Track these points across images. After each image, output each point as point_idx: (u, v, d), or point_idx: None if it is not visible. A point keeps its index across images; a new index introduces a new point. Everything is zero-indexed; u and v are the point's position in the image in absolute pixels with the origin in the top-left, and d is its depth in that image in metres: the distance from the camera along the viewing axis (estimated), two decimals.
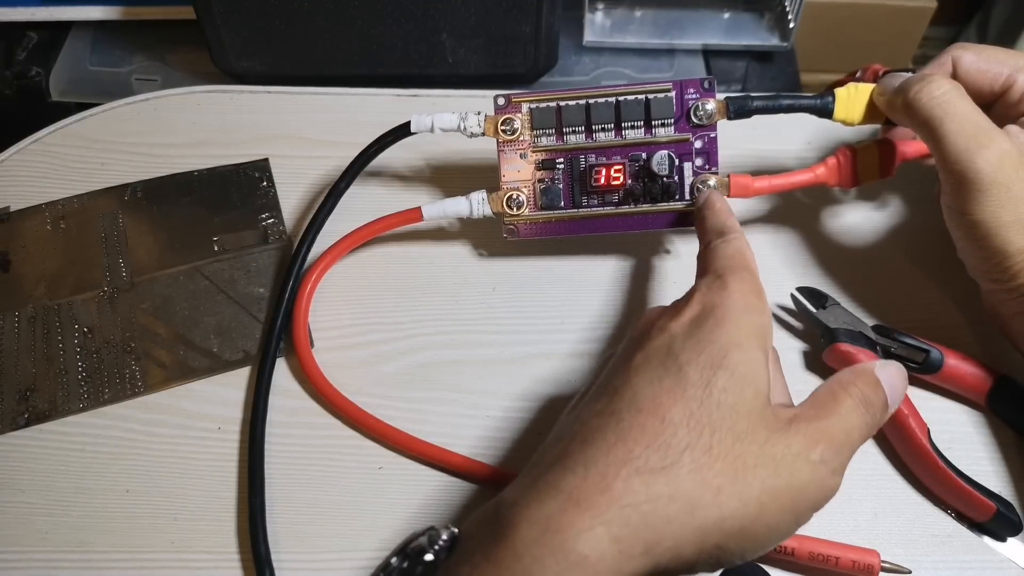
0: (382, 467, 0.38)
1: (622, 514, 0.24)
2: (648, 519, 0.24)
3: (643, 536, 0.24)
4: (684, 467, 0.25)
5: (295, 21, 0.55)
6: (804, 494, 0.26)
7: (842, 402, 0.28)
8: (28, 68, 0.65)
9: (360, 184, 0.45)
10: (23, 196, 0.46)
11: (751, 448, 0.26)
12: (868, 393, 0.29)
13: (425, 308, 0.43)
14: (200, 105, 0.50)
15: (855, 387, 0.28)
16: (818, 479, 0.26)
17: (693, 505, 0.25)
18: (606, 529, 0.24)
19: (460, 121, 0.40)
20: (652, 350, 0.28)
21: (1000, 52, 0.37)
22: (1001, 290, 0.36)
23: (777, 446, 0.26)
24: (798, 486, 0.26)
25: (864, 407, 0.28)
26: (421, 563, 0.26)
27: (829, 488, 0.27)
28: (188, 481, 0.38)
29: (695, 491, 0.25)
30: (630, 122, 0.40)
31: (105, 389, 0.40)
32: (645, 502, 0.25)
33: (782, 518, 0.26)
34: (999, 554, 0.36)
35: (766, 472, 0.26)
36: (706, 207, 0.37)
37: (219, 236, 0.45)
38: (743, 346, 0.27)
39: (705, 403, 0.26)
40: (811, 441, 0.26)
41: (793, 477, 0.26)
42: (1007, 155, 0.33)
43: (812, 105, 0.39)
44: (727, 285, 0.29)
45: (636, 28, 0.67)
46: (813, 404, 0.28)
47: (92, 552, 0.36)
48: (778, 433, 0.26)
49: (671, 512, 0.25)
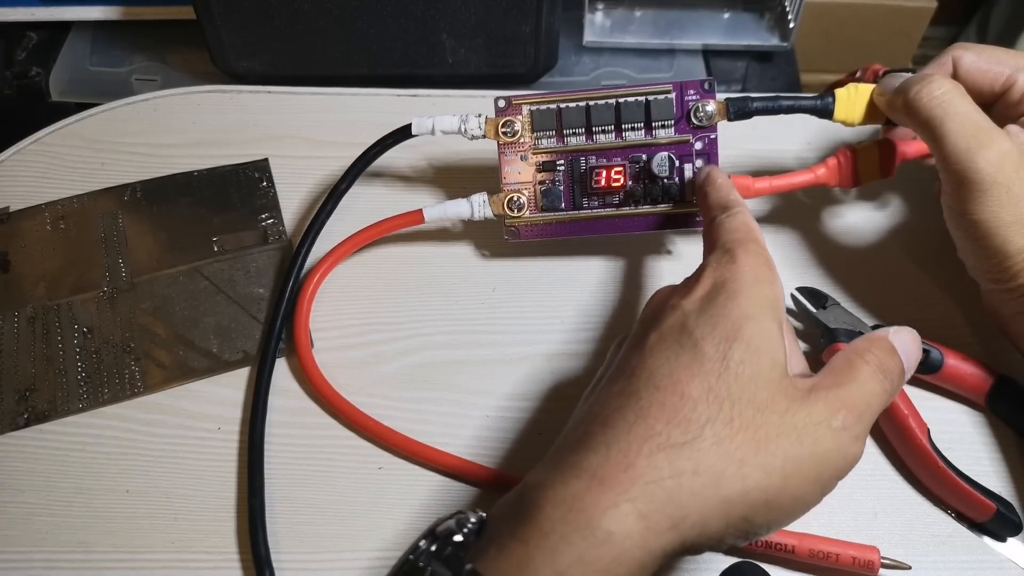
0: (382, 467, 0.38)
1: (647, 490, 0.25)
2: (673, 494, 0.25)
3: (669, 511, 0.25)
4: (706, 441, 0.25)
5: (295, 21, 0.55)
6: (828, 462, 0.26)
7: (860, 369, 0.28)
8: (28, 68, 0.65)
9: (361, 184, 0.45)
10: (23, 196, 0.46)
11: (772, 418, 0.26)
12: (885, 360, 0.29)
13: (425, 308, 0.43)
14: (200, 105, 0.50)
15: (871, 354, 0.29)
16: (841, 446, 0.26)
17: (717, 478, 0.25)
18: (632, 506, 0.24)
19: (461, 123, 0.41)
20: (666, 328, 0.28)
21: (1000, 52, 0.38)
22: (1001, 290, 0.36)
23: (798, 415, 0.26)
24: (821, 454, 0.26)
25: (882, 373, 0.28)
26: (451, 544, 0.26)
27: (852, 455, 0.27)
28: (188, 481, 0.38)
29: (718, 464, 0.25)
30: (630, 124, 0.40)
31: (104, 389, 0.40)
32: (669, 477, 0.25)
33: (807, 487, 0.26)
34: (999, 554, 0.36)
35: (788, 442, 0.26)
36: (707, 183, 0.37)
37: (219, 236, 0.45)
38: (757, 318, 0.27)
39: (723, 376, 0.26)
40: (832, 409, 0.27)
41: (816, 445, 0.26)
42: (1008, 155, 0.33)
43: (812, 106, 0.39)
44: (736, 259, 0.29)
45: (636, 28, 0.67)
46: (831, 373, 0.28)
47: (92, 552, 0.36)
48: (798, 402, 0.27)
49: (695, 486, 0.25)
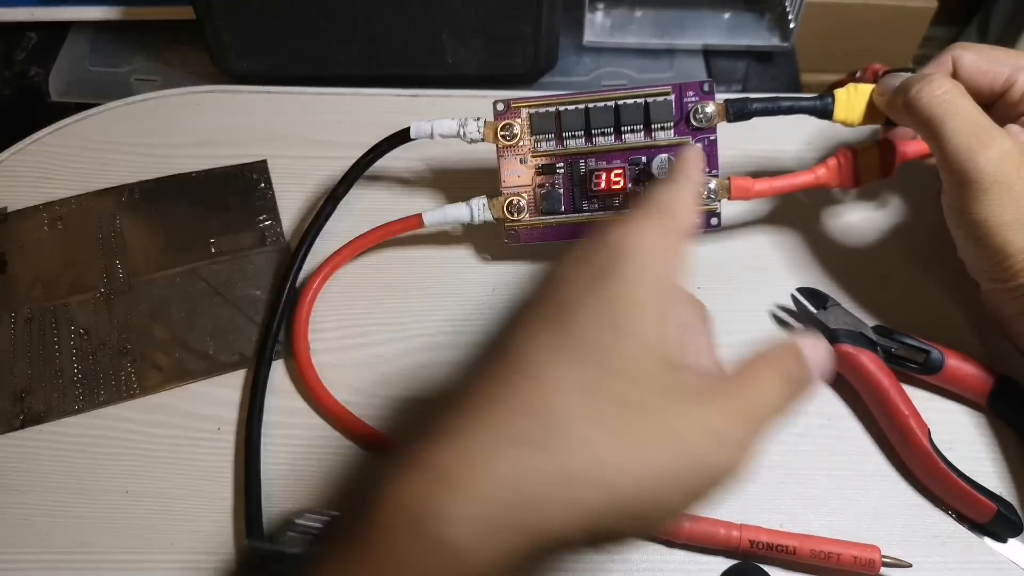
0: None
1: (496, 494, 0.21)
2: (528, 500, 0.21)
3: (520, 519, 0.21)
4: (570, 441, 0.22)
5: (295, 21, 0.55)
6: (706, 473, 0.23)
7: (762, 378, 0.25)
8: (28, 68, 0.65)
9: (360, 186, 0.45)
10: (22, 196, 0.46)
11: (648, 420, 0.23)
12: (792, 366, 0.26)
13: (425, 309, 0.43)
14: (200, 105, 0.50)
15: (780, 360, 0.26)
16: (725, 461, 0.23)
17: (580, 485, 0.22)
18: (478, 511, 0.21)
19: (460, 127, 0.40)
20: (545, 306, 0.25)
21: (1000, 52, 0.37)
22: (1001, 290, 0.36)
23: (680, 419, 0.23)
24: (700, 465, 0.23)
25: (786, 382, 0.25)
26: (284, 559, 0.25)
27: (735, 469, 0.23)
28: (188, 481, 0.38)
29: (582, 469, 0.22)
30: (630, 126, 0.40)
31: (101, 391, 0.40)
32: (524, 480, 0.22)
33: (679, 499, 0.23)
34: (999, 555, 0.36)
35: (665, 448, 0.22)
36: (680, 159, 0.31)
37: (216, 238, 0.45)
38: (642, 304, 0.24)
39: (598, 368, 0.23)
40: (723, 416, 0.24)
41: (695, 456, 0.23)
42: (1008, 154, 0.33)
43: (812, 106, 0.39)
44: (637, 230, 0.25)
45: (636, 28, 0.66)
46: (732, 378, 0.25)
47: (92, 552, 0.36)
48: (686, 404, 0.23)
49: (554, 493, 0.22)
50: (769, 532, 0.35)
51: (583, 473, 0.22)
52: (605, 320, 0.23)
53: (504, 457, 0.22)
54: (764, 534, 0.35)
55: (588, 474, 0.22)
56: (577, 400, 0.22)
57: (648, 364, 0.23)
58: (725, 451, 0.23)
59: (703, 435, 0.23)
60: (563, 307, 0.24)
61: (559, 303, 0.24)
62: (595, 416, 0.22)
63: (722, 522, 0.35)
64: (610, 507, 0.22)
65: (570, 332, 0.23)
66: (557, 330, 0.24)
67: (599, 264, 0.25)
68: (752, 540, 0.35)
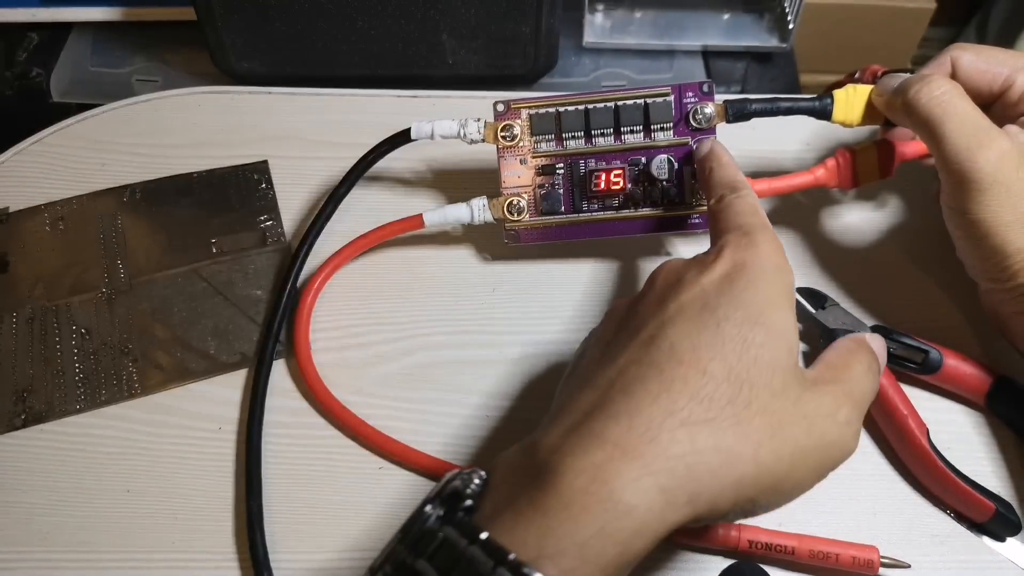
0: (382, 467, 0.38)
1: (668, 465, 0.25)
2: (693, 471, 0.25)
3: (688, 487, 0.25)
4: (726, 421, 0.25)
5: (295, 22, 0.55)
6: (828, 453, 0.27)
7: (854, 367, 0.29)
8: (29, 69, 0.65)
9: (361, 186, 0.45)
10: (23, 197, 0.46)
11: (786, 405, 0.26)
12: (871, 360, 0.30)
13: (425, 309, 0.43)
14: (200, 106, 0.50)
15: (861, 354, 0.30)
16: (843, 439, 0.27)
17: (734, 459, 0.25)
18: (654, 480, 0.24)
19: (460, 128, 0.41)
20: (686, 303, 0.28)
21: (999, 52, 0.38)
22: (1000, 290, 0.36)
23: (808, 405, 0.27)
24: (825, 445, 0.27)
25: (870, 373, 0.29)
26: (460, 508, 0.26)
27: (850, 449, 0.28)
28: (189, 481, 0.38)
29: (737, 445, 0.25)
30: (629, 127, 0.40)
31: (102, 391, 0.40)
32: (690, 454, 0.25)
33: (808, 475, 0.27)
34: (998, 554, 0.36)
35: (799, 430, 0.26)
36: (712, 160, 0.36)
37: (217, 238, 0.45)
38: (778, 305, 0.28)
39: (743, 358, 0.26)
40: (838, 403, 0.27)
41: (823, 437, 0.27)
42: (1007, 155, 0.33)
43: (811, 107, 0.39)
44: (756, 243, 0.29)
45: (636, 29, 0.67)
46: (829, 368, 0.29)
47: (92, 552, 0.36)
48: (808, 392, 0.27)
49: (714, 465, 0.25)
50: (768, 532, 0.35)
51: (736, 448, 0.25)
52: (749, 317, 0.27)
53: (672, 433, 0.25)
54: (763, 534, 0.35)
55: (740, 450, 0.25)
56: (727, 386, 0.26)
57: (783, 355, 0.27)
58: (843, 431, 0.27)
59: (826, 418, 0.27)
60: (707, 307, 0.28)
61: (703, 304, 0.28)
62: (744, 400, 0.26)
63: None
64: (755, 480, 0.25)
65: (721, 329, 0.27)
66: (707, 326, 0.27)
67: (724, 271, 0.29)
68: (751, 540, 0.35)
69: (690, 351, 0.27)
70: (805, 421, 0.26)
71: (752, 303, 0.27)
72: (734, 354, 0.26)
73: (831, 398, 0.27)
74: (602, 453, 0.25)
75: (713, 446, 0.25)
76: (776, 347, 0.27)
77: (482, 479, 0.27)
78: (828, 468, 0.27)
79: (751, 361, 0.26)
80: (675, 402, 0.26)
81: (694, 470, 0.25)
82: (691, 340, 0.27)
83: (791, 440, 0.26)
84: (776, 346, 0.27)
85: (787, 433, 0.26)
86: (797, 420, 0.26)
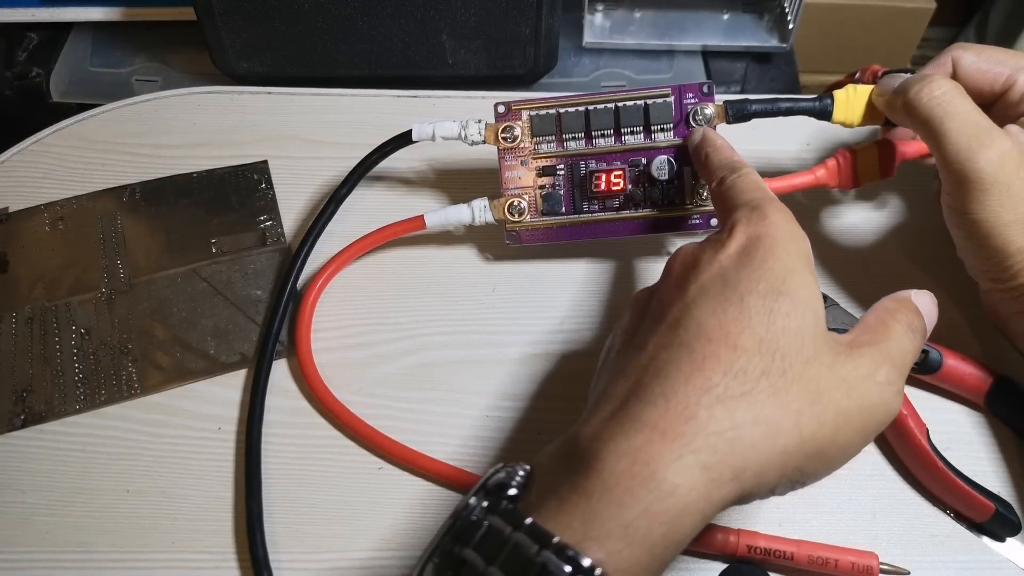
0: (382, 467, 0.38)
1: (709, 442, 0.25)
2: (734, 446, 0.25)
3: (731, 463, 0.25)
4: (763, 392, 0.25)
5: (295, 22, 0.55)
6: (872, 415, 0.27)
7: (892, 327, 0.29)
8: (29, 69, 0.65)
9: (362, 187, 0.45)
10: (23, 197, 0.46)
11: (822, 371, 0.26)
12: (912, 319, 0.30)
13: (425, 309, 0.43)
14: (200, 106, 0.50)
15: (901, 313, 0.30)
16: (885, 400, 0.27)
17: (775, 430, 0.25)
18: (695, 458, 0.24)
19: (461, 129, 0.41)
20: (706, 281, 0.28)
21: (1000, 52, 0.38)
22: (1000, 290, 0.36)
23: (845, 368, 0.27)
24: (868, 407, 0.27)
25: (912, 332, 0.29)
26: (505, 497, 0.26)
27: (894, 409, 0.27)
28: (189, 481, 0.38)
29: (776, 416, 0.25)
30: (629, 128, 0.40)
31: (102, 391, 0.40)
32: (730, 429, 0.25)
33: (853, 438, 0.27)
34: (998, 554, 0.36)
35: (839, 394, 0.26)
36: (706, 145, 0.36)
37: (217, 238, 0.45)
38: (799, 271, 0.28)
39: (772, 329, 0.26)
40: (876, 363, 0.27)
41: (864, 399, 0.27)
42: (1008, 155, 0.33)
43: (811, 107, 0.39)
44: (767, 215, 0.29)
45: (636, 29, 0.67)
46: (866, 330, 0.29)
47: (92, 552, 0.36)
48: (843, 356, 0.27)
49: (755, 437, 0.25)
50: (767, 537, 0.35)
51: (776, 418, 0.25)
52: (771, 288, 0.27)
53: (710, 410, 0.25)
54: (761, 539, 0.35)
55: (781, 420, 0.25)
56: (760, 358, 0.26)
57: (810, 322, 0.27)
58: (884, 392, 0.27)
59: (866, 381, 0.27)
60: (728, 283, 0.27)
61: (724, 281, 0.28)
62: (778, 370, 0.26)
63: (719, 527, 0.35)
64: (799, 448, 0.25)
65: (745, 303, 0.27)
66: (731, 301, 0.27)
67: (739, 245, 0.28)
68: (750, 545, 0.35)
69: (718, 328, 0.26)
70: (844, 384, 0.26)
71: (772, 273, 0.27)
72: (762, 326, 0.26)
73: (868, 359, 0.27)
74: (641, 436, 0.25)
75: (752, 419, 0.25)
76: (803, 314, 0.27)
77: (526, 472, 0.27)
78: (873, 430, 0.27)
79: (780, 331, 0.26)
80: (709, 379, 0.25)
81: (735, 444, 0.25)
82: (717, 317, 0.27)
83: (831, 405, 0.26)
84: (802, 313, 0.27)
85: (827, 398, 0.26)
86: (836, 384, 0.26)
